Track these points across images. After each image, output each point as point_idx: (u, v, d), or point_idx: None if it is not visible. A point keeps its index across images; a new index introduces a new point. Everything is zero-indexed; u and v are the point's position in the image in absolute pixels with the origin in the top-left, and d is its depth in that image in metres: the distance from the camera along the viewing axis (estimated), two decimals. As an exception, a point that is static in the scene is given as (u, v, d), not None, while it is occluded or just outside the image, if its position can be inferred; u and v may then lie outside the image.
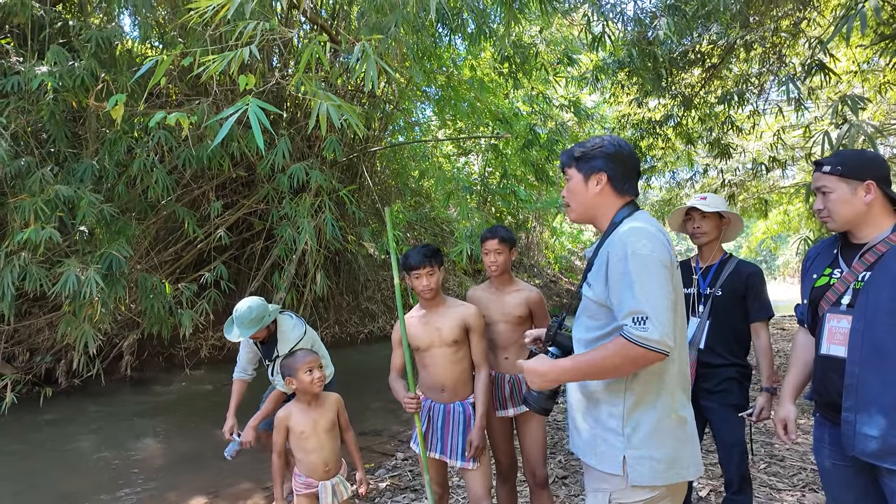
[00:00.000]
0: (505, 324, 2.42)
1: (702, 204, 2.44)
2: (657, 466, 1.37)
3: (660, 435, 1.38)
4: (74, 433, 5.44)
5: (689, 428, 1.44)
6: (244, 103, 1.99)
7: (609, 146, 1.54)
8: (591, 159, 1.54)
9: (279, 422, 2.32)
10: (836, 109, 3.64)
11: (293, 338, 3.01)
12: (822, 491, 3.27)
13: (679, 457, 1.40)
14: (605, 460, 1.41)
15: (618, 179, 1.53)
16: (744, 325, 2.40)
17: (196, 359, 7.99)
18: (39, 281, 4.69)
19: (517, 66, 6.53)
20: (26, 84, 4.86)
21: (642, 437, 1.38)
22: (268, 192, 7.19)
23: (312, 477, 2.31)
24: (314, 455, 2.29)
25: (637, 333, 1.28)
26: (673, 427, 1.40)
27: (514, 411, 2.42)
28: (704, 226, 2.45)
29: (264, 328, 3.01)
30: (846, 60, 7.27)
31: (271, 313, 3.02)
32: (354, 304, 10.79)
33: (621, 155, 1.53)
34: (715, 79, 6.65)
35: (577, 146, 1.60)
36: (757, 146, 9.01)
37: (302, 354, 2.34)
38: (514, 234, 2.53)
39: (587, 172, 1.54)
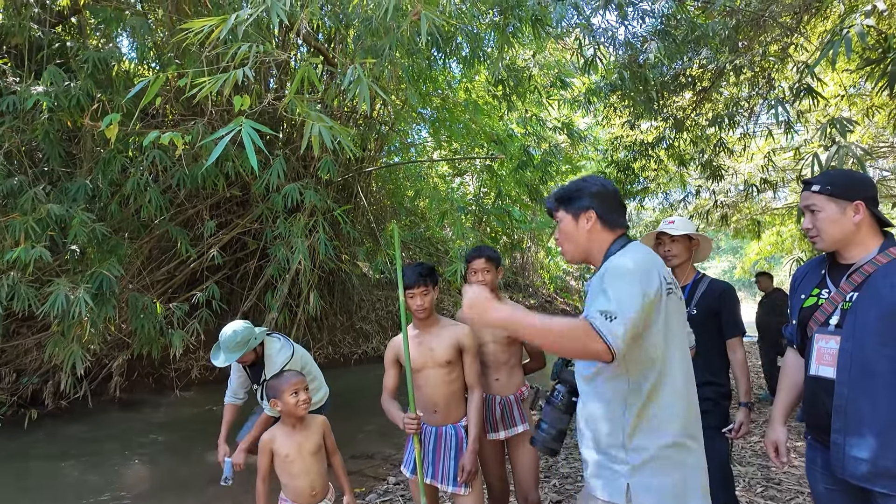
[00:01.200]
0: (495, 344, 2.40)
1: (670, 228, 2.51)
2: (662, 497, 1.35)
3: (665, 461, 1.36)
4: (60, 456, 5.32)
5: (696, 457, 1.42)
6: (237, 124, 2.00)
7: (592, 185, 1.60)
8: (578, 199, 1.58)
9: (263, 445, 2.28)
10: (825, 132, 3.69)
11: (280, 361, 2.97)
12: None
13: (686, 486, 1.37)
14: (608, 488, 1.39)
15: (606, 214, 1.56)
16: (720, 342, 2.44)
17: (186, 380, 7.88)
18: (28, 301, 4.64)
19: (511, 88, 6.62)
20: (22, 103, 4.88)
21: (645, 463, 1.36)
22: (262, 211, 7.19)
23: (298, 502, 2.26)
24: (300, 479, 2.24)
25: (603, 325, 1.28)
26: (677, 454, 1.38)
27: (505, 434, 2.38)
28: (674, 248, 2.51)
29: (251, 352, 2.97)
30: (833, 85, 7.41)
31: (258, 336, 2.98)
32: (348, 325, 10.72)
33: (606, 191, 1.59)
34: (706, 102, 6.75)
35: (560, 190, 1.65)
36: (748, 168, 9.11)
37: (288, 376, 2.31)
38: (500, 254, 2.53)
39: (576, 212, 1.58)
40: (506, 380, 2.38)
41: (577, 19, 5.36)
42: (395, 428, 2.24)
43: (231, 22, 2.11)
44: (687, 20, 4.89)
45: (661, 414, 1.39)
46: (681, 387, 1.44)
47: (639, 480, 1.36)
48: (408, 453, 2.34)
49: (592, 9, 5.19)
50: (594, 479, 1.44)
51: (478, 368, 2.31)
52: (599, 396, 1.45)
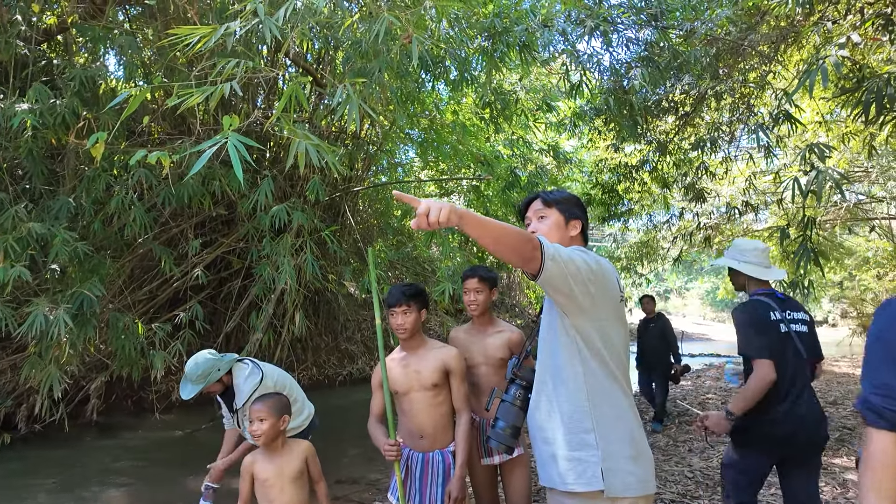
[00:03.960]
0: (487, 366, 2.38)
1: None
2: (629, 478, 1.43)
3: (625, 452, 1.46)
4: (33, 482, 5.13)
5: (644, 449, 1.52)
6: (223, 136, 1.99)
7: (580, 201, 1.80)
8: (572, 207, 1.73)
9: (244, 469, 2.24)
10: (804, 157, 3.79)
11: (247, 389, 2.88)
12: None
13: (644, 471, 1.48)
14: (586, 477, 1.44)
15: (586, 229, 1.76)
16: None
17: (167, 402, 7.69)
18: (5, 321, 4.52)
19: (498, 111, 6.71)
20: (5, 121, 4.82)
21: (613, 451, 1.44)
22: (248, 230, 7.13)
23: None
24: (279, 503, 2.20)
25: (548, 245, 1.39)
26: (633, 446, 1.47)
27: (499, 459, 2.35)
28: None
29: (217, 382, 2.91)
30: (810, 111, 7.64)
31: (222, 367, 2.91)
32: (333, 345, 10.59)
33: (585, 210, 1.78)
34: (688, 126, 6.91)
35: (558, 193, 1.77)
36: (730, 191, 9.30)
37: (253, 402, 2.27)
38: (496, 274, 2.53)
39: (568, 217, 1.71)
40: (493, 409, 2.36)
41: (563, 45, 5.48)
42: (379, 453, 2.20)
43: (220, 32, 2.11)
44: (669, 48, 5.03)
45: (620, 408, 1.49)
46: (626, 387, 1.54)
47: (608, 465, 1.43)
48: (393, 481, 2.30)
49: (578, 35, 5.31)
50: (563, 475, 1.47)
51: (466, 391, 2.28)
52: (558, 382, 1.51)
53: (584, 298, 1.44)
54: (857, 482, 4.09)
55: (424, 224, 1.27)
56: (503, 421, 1.71)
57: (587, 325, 1.47)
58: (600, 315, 1.48)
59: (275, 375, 3.10)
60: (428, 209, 1.27)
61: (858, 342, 18.52)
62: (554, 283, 1.40)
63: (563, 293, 1.43)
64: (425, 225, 1.27)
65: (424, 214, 1.27)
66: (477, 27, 5.32)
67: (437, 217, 1.26)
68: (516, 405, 1.70)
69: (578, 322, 1.47)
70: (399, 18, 2.50)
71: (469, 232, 1.32)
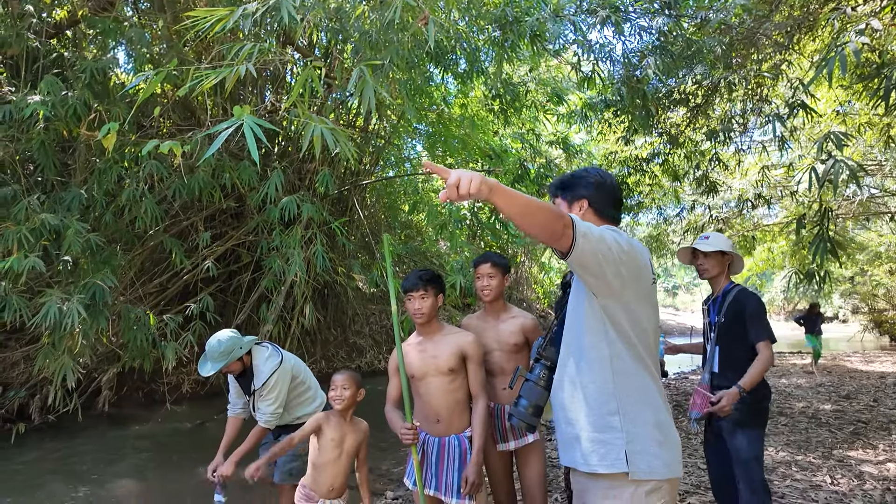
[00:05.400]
0: (500, 352, 2.36)
1: (702, 244, 2.68)
2: (654, 462, 1.40)
3: (651, 436, 1.42)
4: (48, 471, 5.18)
5: (671, 434, 1.48)
6: (238, 118, 1.97)
7: (591, 175, 1.67)
8: (575, 188, 1.66)
9: (316, 419, 2.39)
10: (821, 146, 3.73)
11: (266, 370, 2.92)
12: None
13: (670, 455, 1.44)
14: (610, 459, 1.41)
15: (599, 205, 1.63)
16: (748, 349, 2.55)
17: (177, 394, 7.74)
18: (19, 311, 4.55)
19: (507, 103, 6.66)
20: (18, 113, 4.84)
21: (638, 434, 1.41)
22: (258, 223, 7.14)
23: (316, 492, 2.33)
24: (327, 469, 2.33)
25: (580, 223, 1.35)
26: (659, 431, 1.44)
27: (515, 444, 2.33)
28: (706, 263, 2.69)
29: (237, 361, 2.93)
30: (825, 103, 7.54)
31: (244, 346, 2.94)
32: (342, 339, 10.61)
33: (602, 184, 1.65)
34: (700, 117, 6.84)
35: (562, 176, 1.73)
36: (741, 185, 9.21)
37: (337, 373, 2.45)
38: (508, 261, 2.51)
39: (571, 200, 1.66)
40: (513, 391, 2.34)
41: (574, 35, 5.43)
42: (393, 443, 2.21)
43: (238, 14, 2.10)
44: (683, 37, 4.97)
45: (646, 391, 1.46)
46: (654, 370, 1.51)
47: (633, 448, 1.40)
48: (409, 464, 2.29)
49: (590, 25, 5.26)
50: (587, 456, 1.45)
51: (482, 377, 2.27)
52: (583, 363, 1.49)
53: (614, 279, 1.39)
54: (872, 474, 4.05)
55: (454, 195, 1.21)
56: (526, 400, 1.70)
57: (616, 306, 1.44)
58: (630, 297, 1.44)
59: (292, 360, 3.12)
60: (458, 180, 1.21)
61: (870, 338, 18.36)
62: (584, 262, 1.36)
63: (592, 273, 1.39)
64: (455, 196, 1.21)
65: (455, 185, 1.21)
66: (487, 17, 5.28)
67: (468, 188, 1.20)
68: (540, 385, 1.68)
69: (607, 303, 1.44)
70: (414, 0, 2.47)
71: (499, 204, 1.27)
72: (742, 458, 2.46)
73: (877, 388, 8.19)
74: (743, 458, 2.46)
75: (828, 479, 4.03)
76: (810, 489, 3.80)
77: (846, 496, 3.67)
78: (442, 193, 1.24)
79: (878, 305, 18.39)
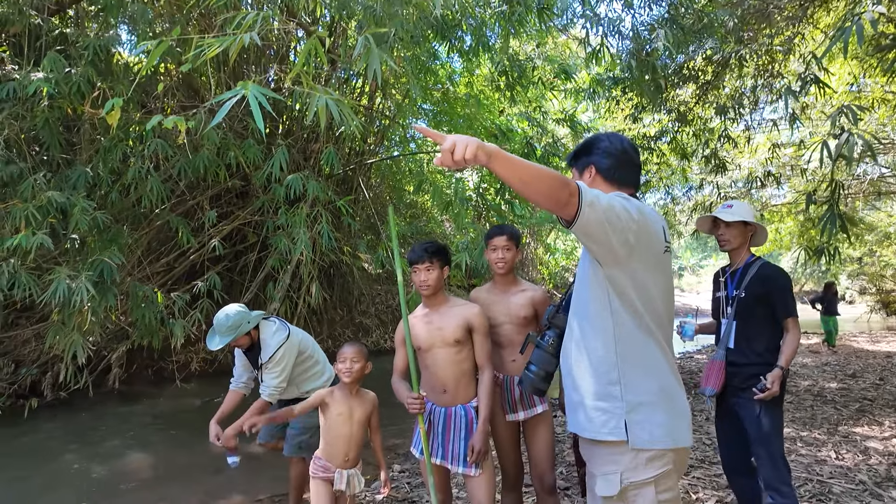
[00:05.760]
0: (511, 325, 2.36)
1: (725, 213, 2.54)
2: (656, 431, 1.39)
3: (653, 405, 1.41)
4: (60, 445, 5.28)
5: (678, 403, 1.46)
6: (243, 87, 1.95)
7: (600, 140, 1.62)
8: (585, 155, 1.63)
9: (319, 395, 2.41)
10: (834, 120, 3.66)
11: (273, 344, 2.95)
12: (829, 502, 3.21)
13: (675, 424, 1.42)
14: (609, 427, 1.41)
15: (608, 169, 1.58)
16: (769, 324, 2.45)
17: (186, 372, 7.83)
18: (28, 289, 4.59)
19: (514, 79, 6.57)
20: (22, 90, 4.82)
21: (639, 404, 1.40)
22: (263, 203, 7.14)
23: (331, 462, 2.35)
24: (340, 442, 2.36)
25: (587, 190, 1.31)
26: (664, 400, 1.43)
27: (524, 415, 2.34)
28: (727, 234, 2.56)
29: (245, 336, 2.96)
30: (836, 79, 7.40)
31: (251, 320, 2.97)
32: (348, 318, 10.68)
33: (612, 147, 1.59)
34: (710, 93, 6.73)
35: (577, 145, 1.69)
36: (750, 163, 9.11)
37: (346, 346, 2.44)
38: (520, 233, 2.50)
39: (581, 168, 1.64)
40: (522, 360, 2.34)
41: (582, 9, 5.33)
42: (398, 417, 2.24)
43: None
44: (694, 9, 4.86)
45: (649, 361, 1.43)
46: (663, 340, 1.48)
47: (632, 417, 1.39)
48: (416, 434, 2.31)
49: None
50: (590, 423, 1.45)
51: (488, 348, 2.27)
52: (587, 332, 1.48)
53: (621, 248, 1.36)
54: (877, 450, 4.06)
55: (449, 161, 1.18)
56: (535, 366, 1.71)
57: (622, 275, 1.41)
58: (637, 265, 1.40)
59: (300, 335, 3.14)
60: (454, 145, 1.17)
61: (877, 319, 18.29)
62: (589, 231, 1.33)
63: (598, 241, 1.36)
64: (450, 162, 1.18)
65: (449, 151, 1.18)
66: (494, -10, 5.19)
67: (464, 153, 1.17)
68: (549, 351, 1.69)
69: (612, 272, 1.41)
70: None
71: (498, 171, 1.24)
72: (764, 433, 2.38)
73: (883, 367, 8.18)
74: (765, 433, 2.38)
75: (832, 454, 4.04)
76: (815, 464, 3.82)
77: (851, 470, 3.69)
78: (437, 158, 1.21)
79: (885, 286, 18.30)
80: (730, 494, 3.25)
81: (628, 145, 1.62)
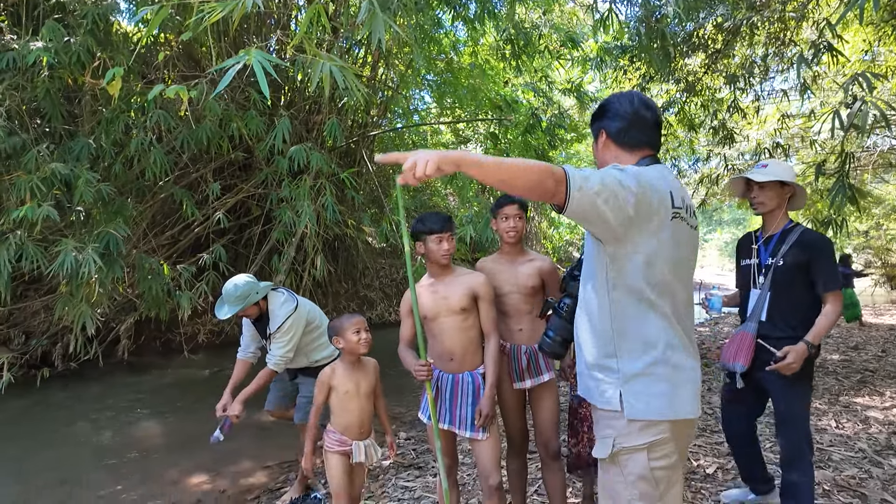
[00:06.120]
0: (518, 294, 2.36)
1: (758, 174, 2.35)
2: (653, 402, 1.37)
3: (652, 376, 1.38)
4: (72, 414, 5.39)
5: (684, 374, 1.41)
6: (246, 53, 1.92)
7: (611, 102, 1.56)
8: (598, 119, 1.60)
9: (323, 379, 2.37)
10: (848, 88, 3.58)
11: (281, 315, 2.97)
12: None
13: (676, 395, 1.39)
14: (605, 396, 1.42)
15: (617, 133, 1.53)
16: (808, 297, 2.30)
17: (193, 343, 7.94)
18: (36, 261, 4.62)
19: (520, 48, 6.45)
20: (21, 60, 4.76)
21: (635, 375, 1.38)
22: (266, 175, 7.11)
23: (346, 435, 2.35)
24: (352, 415, 2.34)
25: (575, 173, 1.26)
26: (666, 371, 1.39)
27: (531, 383, 2.36)
28: (761, 196, 2.38)
29: (254, 306, 2.98)
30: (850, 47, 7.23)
31: (260, 291, 2.99)
32: (353, 291, 10.74)
33: (621, 109, 1.53)
34: (719, 62, 6.59)
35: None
36: (759, 135, 8.98)
37: (348, 316, 2.40)
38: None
39: (595, 132, 1.61)
40: (529, 329, 2.36)
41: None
42: (403, 386, 2.26)
43: None
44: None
45: (648, 332, 1.39)
46: (670, 311, 1.42)
47: (629, 388, 1.38)
48: (424, 400, 2.34)
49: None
50: (590, 391, 1.47)
51: (494, 315, 2.28)
52: (589, 305, 1.47)
53: (619, 224, 1.32)
54: (878, 419, 4.11)
55: (411, 180, 1.17)
56: (552, 331, 1.73)
57: (621, 250, 1.37)
58: (640, 238, 1.36)
59: (307, 306, 3.16)
60: (414, 163, 1.16)
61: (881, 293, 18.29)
62: (583, 216, 1.29)
63: (594, 223, 1.32)
64: (412, 181, 1.16)
65: (410, 170, 1.16)
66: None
67: (424, 170, 1.15)
68: (565, 318, 1.70)
69: (611, 248, 1.38)
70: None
71: (474, 175, 1.20)
72: (795, 412, 2.28)
73: (886, 340, 8.21)
74: (795, 411, 2.28)
75: (833, 423, 4.09)
76: (815, 432, 3.87)
77: (850, 439, 3.74)
78: (399, 178, 1.18)
79: (891, 260, 18.23)
80: (731, 461, 3.31)
81: (640, 104, 1.54)
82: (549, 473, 2.42)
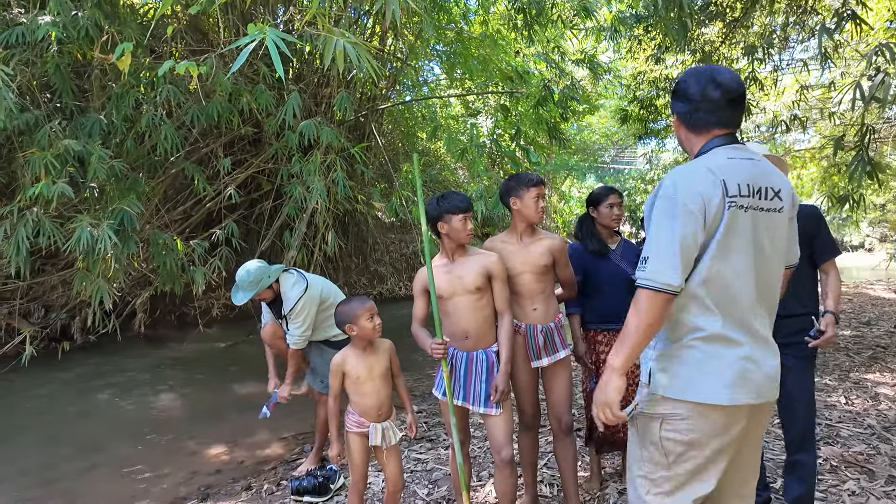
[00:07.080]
0: (530, 274, 2.37)
1: None
2: (675, 381, 1.41)
3: (680, 357, 1.41)
4: (93, 386, 5.55)
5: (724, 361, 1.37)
6: (260, 31, 1.90)
7: (681, 81, 1.49)
8: (674, 100, 1.53)
9: (335, 366, 2.35)
10: (870, 59, 3.49)
11: (293, 296, 3.04)
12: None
13: (701, 381, 1.37)
14: (643, 369, 1.51)
15: (685, 115, 1.48)
16: (809, 269, 2.26)
17: (208, 317, 8.07)
18: (53, 236, 4.69)
19: (532, 18, 6.29)
20: (30, 35, 4.74)
21: (667, 356, 1.44)
22: (276, 150, 7.10)
23: (365, 418, 2.35)
24: (369, 398, 2.33)
25: (640, 275, 1.35)
26: (694, 356, 1.39)
27: (548, 361, 2.39)
28: None
29: (267, 289, 3.06)
30: (874, 14, 6.98)
31: (272, 274, 3.06)
32: (363, 266, 10.81)
33: (689, 89, 1.45)
34: (738, 31, 6.41)
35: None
36: (776, 107, 8.78)
37: (359, 302, 2.32)
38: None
39: (673, 115, 1.55)
40: (543, 308, 2.37)
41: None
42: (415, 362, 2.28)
43: None
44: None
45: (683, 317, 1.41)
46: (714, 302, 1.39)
47: (657, 365, 1.45)
48: (438, 377, 2.38)
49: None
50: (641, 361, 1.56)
51: (507, 294, 2.30)
52: None
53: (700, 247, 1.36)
54: (888, 395, 4.12)
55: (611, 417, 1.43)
56: None
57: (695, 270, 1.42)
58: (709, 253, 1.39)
59: (320, 285, 3.20)
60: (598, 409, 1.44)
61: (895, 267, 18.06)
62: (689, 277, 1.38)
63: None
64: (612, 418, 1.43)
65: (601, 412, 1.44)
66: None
67: (612, 412, 1.42)
68: None
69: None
70: None
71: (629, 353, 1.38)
72: (806, 392, 2.24)
73: (898, 315, 8.16)
74: (807, 392, 2.24)
75: (842, 399, 4.11)
76: (824, 409, 3.89)
77: (860, 415, 3.76)
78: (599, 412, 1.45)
79: (907, 234, 17.95)
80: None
81: (707, 83, 1.42)
82: (561, 447, 2.47)
